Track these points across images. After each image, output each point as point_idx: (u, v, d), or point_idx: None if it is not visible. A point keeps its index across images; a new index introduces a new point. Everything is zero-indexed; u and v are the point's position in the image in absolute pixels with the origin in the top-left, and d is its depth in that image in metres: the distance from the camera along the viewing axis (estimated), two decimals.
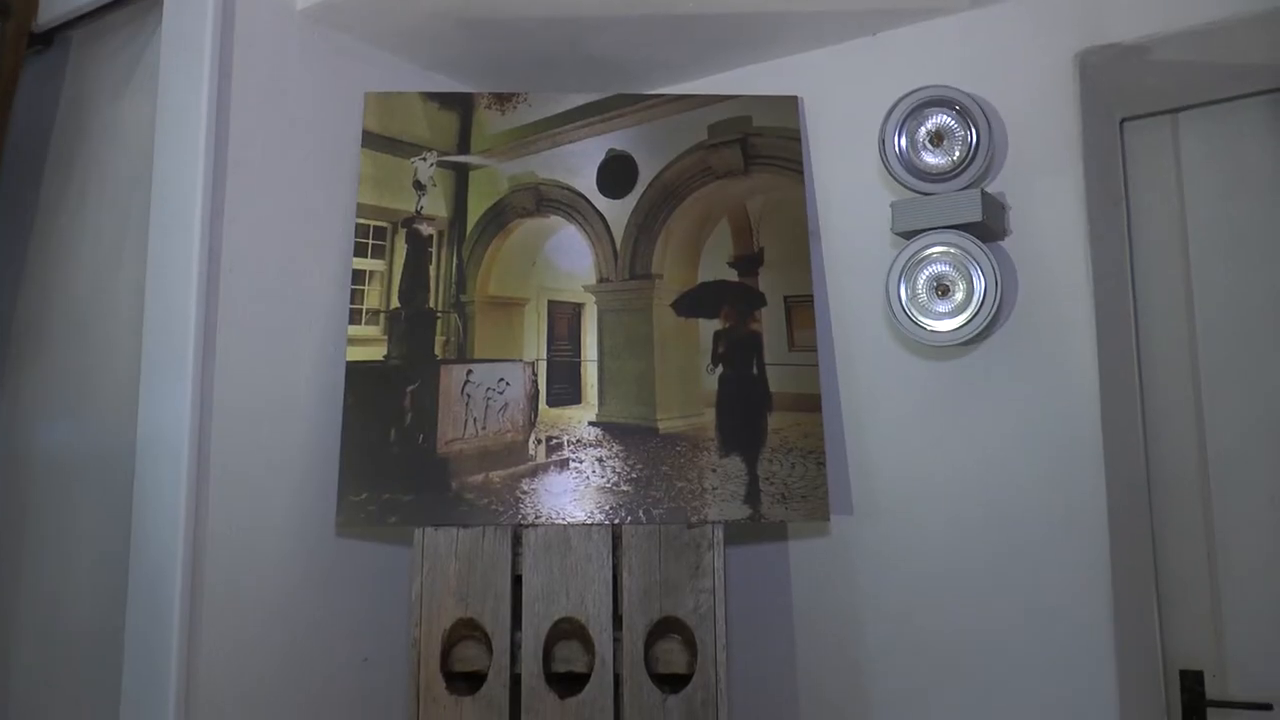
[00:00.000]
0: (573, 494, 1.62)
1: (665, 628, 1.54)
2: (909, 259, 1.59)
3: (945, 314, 1.58)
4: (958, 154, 1.59)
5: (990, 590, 1.59)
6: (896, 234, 1.63)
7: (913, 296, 1.60)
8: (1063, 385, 1.55)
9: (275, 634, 1.61)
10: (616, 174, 1.79)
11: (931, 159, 1.62)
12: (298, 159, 1.70)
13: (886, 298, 1.61)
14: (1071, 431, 1.53)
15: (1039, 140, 1.59)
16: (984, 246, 1.54)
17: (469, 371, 1.69)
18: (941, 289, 1.59)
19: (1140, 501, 1.65)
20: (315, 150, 1.73)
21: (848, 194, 1.79)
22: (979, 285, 1.55)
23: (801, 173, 1.78)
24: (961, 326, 1.56)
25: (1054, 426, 1.55)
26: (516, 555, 1.56)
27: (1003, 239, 1.63)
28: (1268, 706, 1.55)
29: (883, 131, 1.62)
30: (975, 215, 1.53)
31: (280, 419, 1.65)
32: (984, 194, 1.54)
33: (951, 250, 1.56)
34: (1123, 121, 1.72)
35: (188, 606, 1.48)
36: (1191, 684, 1.63)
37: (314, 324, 1.72)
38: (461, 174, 1.86)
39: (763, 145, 1.79)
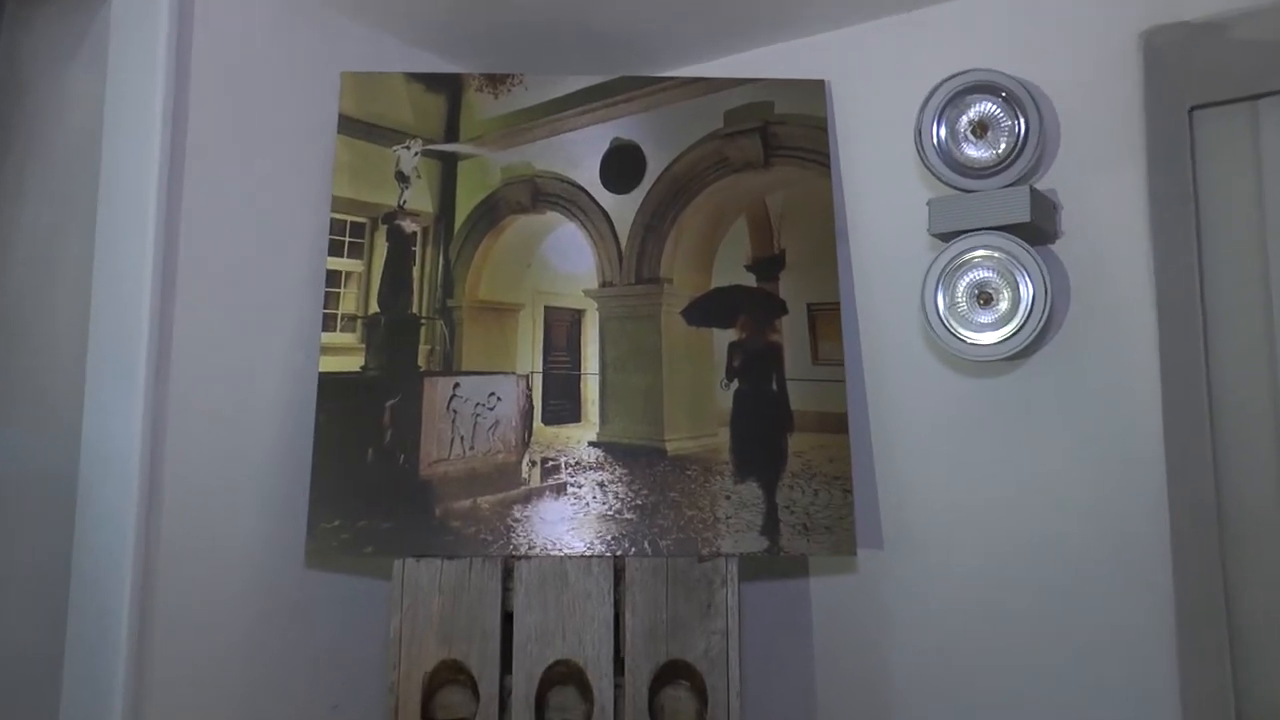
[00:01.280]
0: (570, 522, 1.61)
1: (672, 672, 1.54)
2: (948, 264, 1.58)
3: (988, 325, 1.56)
4: (1003, 146, 1.58)
5: (1037, 632, 1.58)
6: (934, 235, 1.62)
7: (952, 305, 1.58)
8: (1120, 403, 1.55)
9: (234, 676, 1.61)
10: (622, 166, 1.78)
11: (974, 152, 1.61)
12: (266, 145, 1.70)
13: (922, 306, 1.59)
14: (1129, 453, 1.52)
15: (1097, 131, 1.58)
16: (1032, 250, 1.53)
17: (456, 385, 1.68)
18: (984, 297, 1.57)
19: (1208, 528, 1.61)
20: (285, 136, 1.72)
21: (880, 190, 1.78)
22: (1026, 293, 1.53)
23: (828, 166, 1.77)
24: (1006, 339, 1.54)
25: (1109, 448, 1.54)
26: (507, 590, 1.56)
27: (1053, 242, 1.63)
28: None
29: (919, 121, 1.61)
30: (1023, 215, 1.52)
31: (244, 435, 1.65)
32: (1033, 191, 1.53)
33: (995, 254, 1.55)
34: (1192, 110, 1.68)
35: (135, 643, 1.47)
36: None
37: (283, 330, 1.72)
38: (449, 165, 1.81)
39: (785, 135, 1.78)
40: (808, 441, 1.67)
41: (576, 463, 1.67)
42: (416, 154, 1.80)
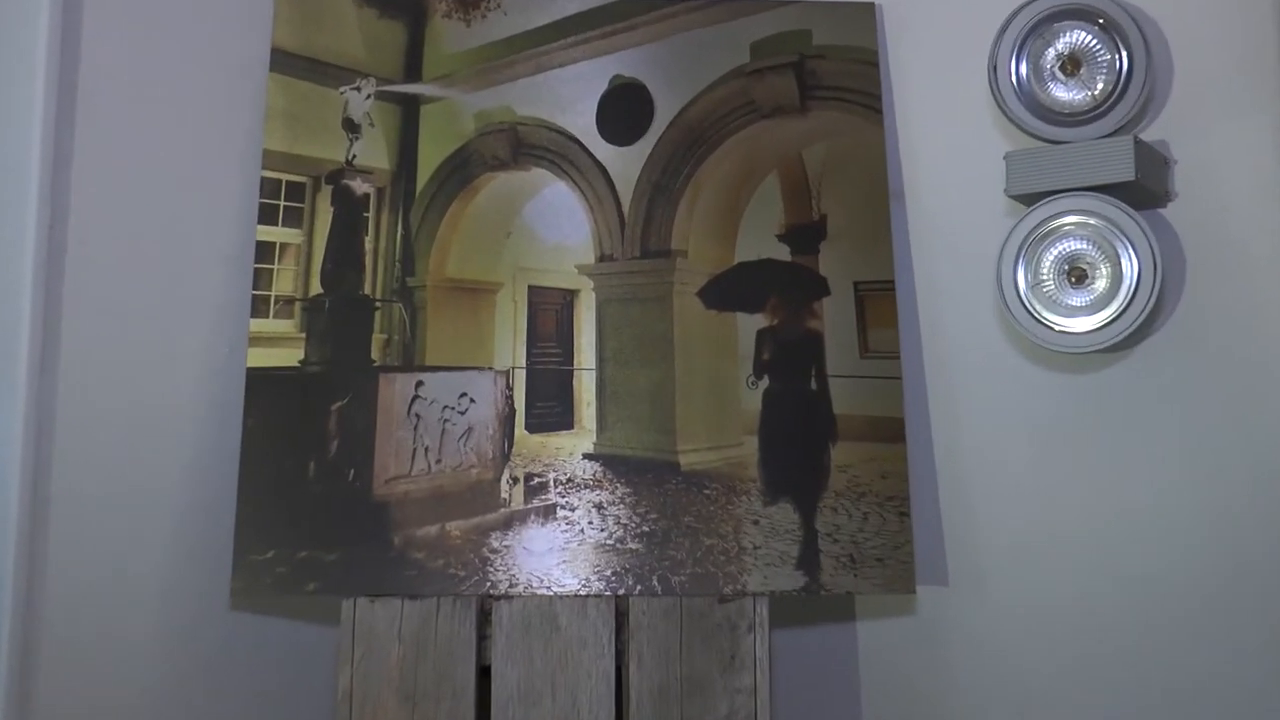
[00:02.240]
0: (561, 554, 1.61)
1: None
2: (1030, 233, 1.55)
3: (1081, 309, 1.53)
4: (1101, 86, 1.54)
5: (1141, 691, 1.57)
6: (1013, 197, 1.58)
7: (1035, 284, 1.55)
8: (1248, 406, 1.53)
9: None
10: (624, 111, 1.77)
11: (1064, 93, 1.57)
12: (178, 87, 1.68)
13: (998, 286, 1.56)
14: (1259, 468, 1.50)
15: (1221, 67, 1.55)
16: (1137, 216, 1.49)
17: (418, 383, 1.67)
18: (1076, 274, 1.54)
19: None
20: (203, 75, 1.71)
21: (944, 141, 1.76)
22: (1129, 269, 1.49)
23: (880, 111, 1.75)
24: (1103, 326, 1.51)
25: (1233, 463, 1.52)
26: (484, 638, 1.58)
27: (1164, 205, 1.59)
28: None
29: (994, 54, 1.58)
30: (1126, 172, 1.48)
31: (152, 446, 1.64)
32: (1138, 143, 1.49)
33: (1091, 221, 1.52)
34: None
35: (14, 703, 1.45)
36: None
37: (200, 316, 1.70)
38: (410, 109, 1.80)
39: (826, 72, 1.76)
40: (855, 453, 1.66)
41: (568, 480, 1.67)
42: (369, 97, 1.78)
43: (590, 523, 1.63)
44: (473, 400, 1.69)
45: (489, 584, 1.57)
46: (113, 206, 1.63)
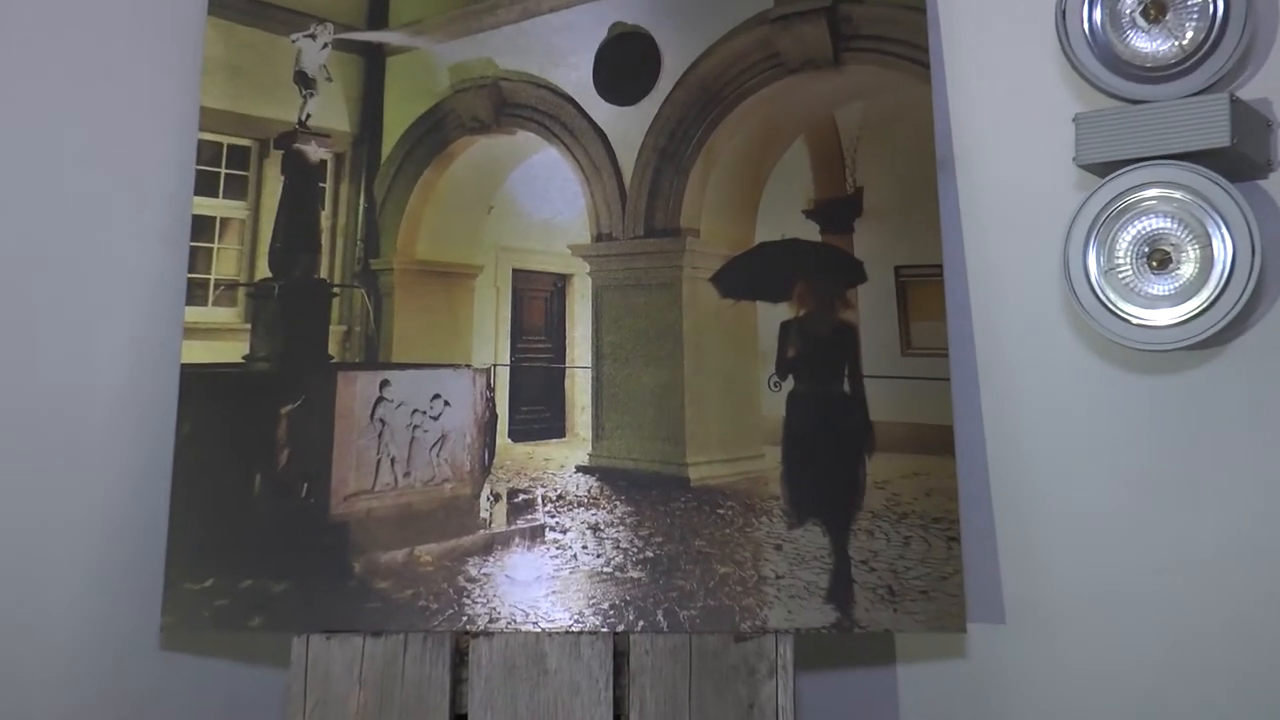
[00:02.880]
0: (550, 583, 1.62)
1: None
2: (1104, 209, 1.52)
3: (1163, 298, 1.50)
4: (1190, 34, 1.50)
5: None
6: (1083, 167, 1.56)
7: (1110, 269, 1.52)
8: None
9: None
10: (625, 64, 1.77)
11: (1145, 43, 1.53)
12: (100, 34, 1.70)
13: (1065, 271, 1.53)
14: None
15: None
16: (1233, 189, 1.45)
17: (383, 383, 1.68)
18: (1158, 258, 1.50)
19: None
20: (130, 19, 1.73)
21: (1003, 100, 1.74)
22: (1222, 252, 1.46)
23: (927, 65, 1.72)
24: (1190, 319, 1.47)
25: None
26: (459, 682, 1.57)
27: (1264, 176, 1.55)
28: None
29: None
30: (1220, 137, 1.44)
31: (66, 457, 1.66)
32: (1235, 102, 1.45)
33: (1176, 195, 1.49)
34: None
35: None
36: None
37: (125, 304, 1.71)
38: (373, 62, 1.80)
39: (864, 19, 1.73)
40: (895, 466, 1.63)
41: (559, 496, 1.66)
42: (325, 46, 1.77)
43: (584, 547, 1.63)
44: (447, 403, 1.68)
45: (465, 618, 1.57)
46: (16, 175, 1.62)
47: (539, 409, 1.70)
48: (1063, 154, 1.58)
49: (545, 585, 1.59)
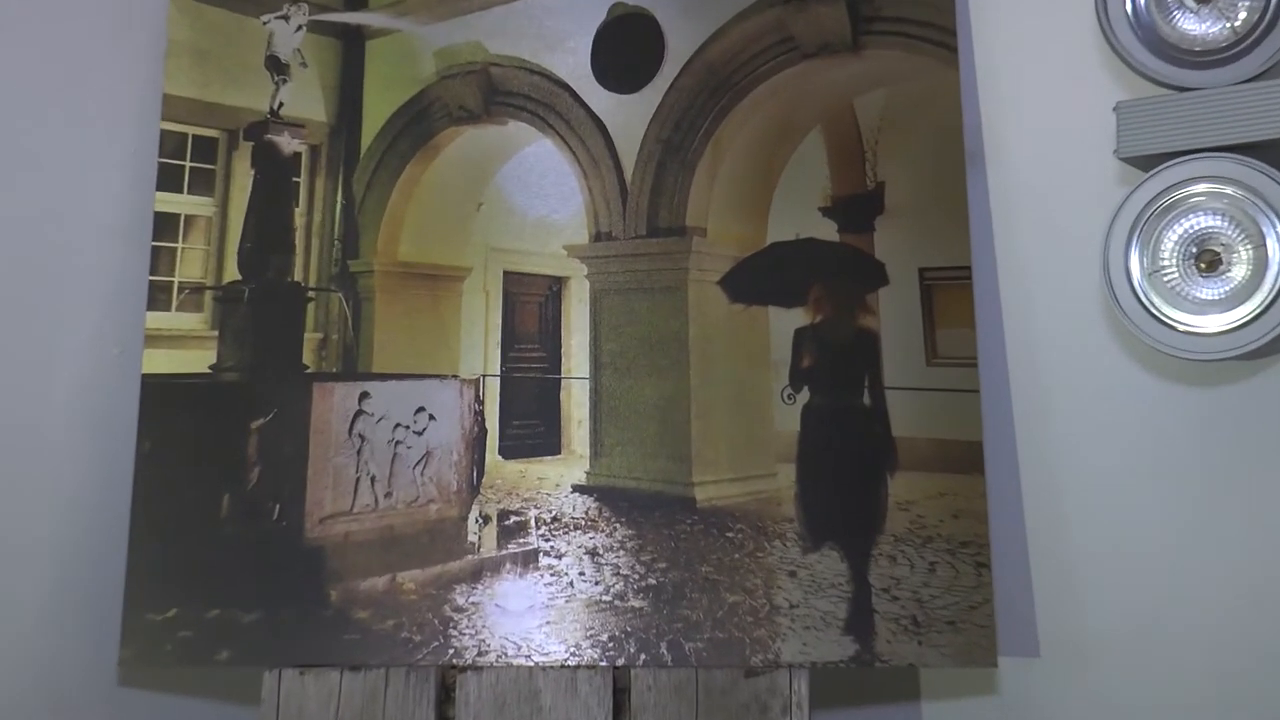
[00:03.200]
0: (544, 612, 1.60)
1: None
2: (1148, 206, 1.51)
3: (1213, 303, 1.48)
4: (1244, 15, 1.48)
5: None
6: (1125, 160, 1.54)
7: (1154, 272, 1.50)
8: None
9: None
10: (627, 48, 1.76)
11: (1194, 25, 1.51)
12: (53, 13, 1.69)
13: (1105, 274, 1.52)
14: None
15: None
16: None
17: (363, 395, 1.67)
18: (1207, 259, 1.49)
19: None
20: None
21: (1037, 88, 1.75)
22: (1278, 252, 1.44)
23: (954, 49, 1.71)
24: (1243, 325, 1.46)
25: None
26: (446, 719, 1.56)
27: None
28: None
29: None
30: (1276, 128, 1.43)
31: (18, 475, 1.65)
32: None
33: (1228, 190, 1.47)
34: None
35: None
36: None
37: (82, 309, 1.70)
38: (352, 45, 1.79)
39: None
40: (920, 486, 1.62)
41: (554, 518, 1.65)
42: (299, 28, 1.77)
43: (581, 573, 1.62)
44: (432, 417, 1.67)
45: (452, 651, 1.55)
46: None
47: (532, 423, 1.69)
48: (1103, 146, 1.57)
49: (539, 615, 1.57)
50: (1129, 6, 1.51)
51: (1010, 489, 1.70)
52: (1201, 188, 1.47)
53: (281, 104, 1.72)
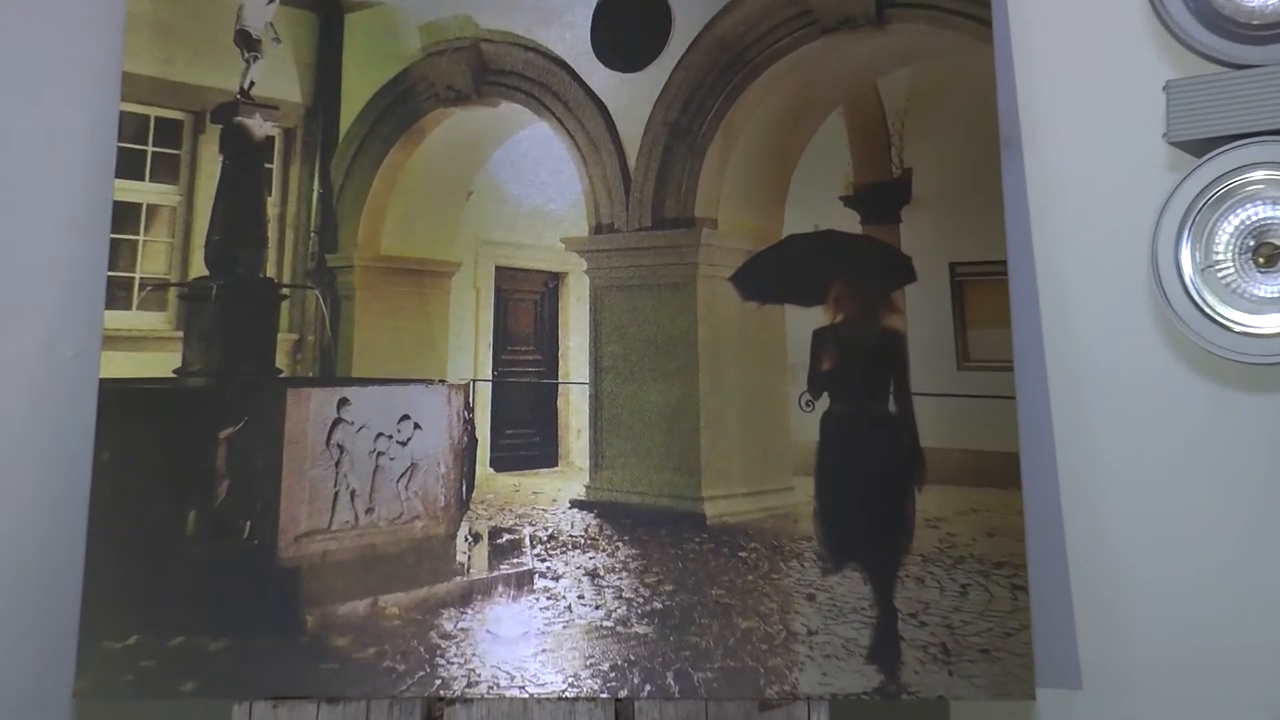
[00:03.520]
0: (540, 639, 1.58)
1: None
2: (1200, 195, 1.50)
3: (1273, 301, 1.48)
4: None
5: None
6: (1175, 145, 1.53)
7: (1207, 267, 1.50)
8: None
9: None
10: (629, 23, 1.76)
11: None
12: None
13: (1153, 269, 1.51)
14: None
15: None
16: None
17: (342, 402, 1.66)
18: (1266, 253, 1.48)
19: None
20: None
21: (1078, 66, 1.73)
22: None
23: (988, 23, 1.70)
24: None
25: None
26: None
27: None
28: None
29: None
30: None
31: None
32: None
33: None
34: None
35: None
36: None
37: (33, 308, 1.70)
38: (330, 20, 1.79)
39: None
40: (951, 501, 1.61)
41: (550, 536, 1.65)
42: (273, 1, 1.77)
43: (580, 596, 1.61)
44: (417, 425, 1.66)
45: (439, 682, 1.54)
46: None
47: (527, 432, 1.71)
48: (1151, 129, 1.58)
49: (534, 642, 1.56)
50: None
51: (1049, 504, 1.69)
52: (1260, 175, 1.46)
53: (252, 83, 1.72)
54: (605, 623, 1.58)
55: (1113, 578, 1.67)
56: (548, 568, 1.62)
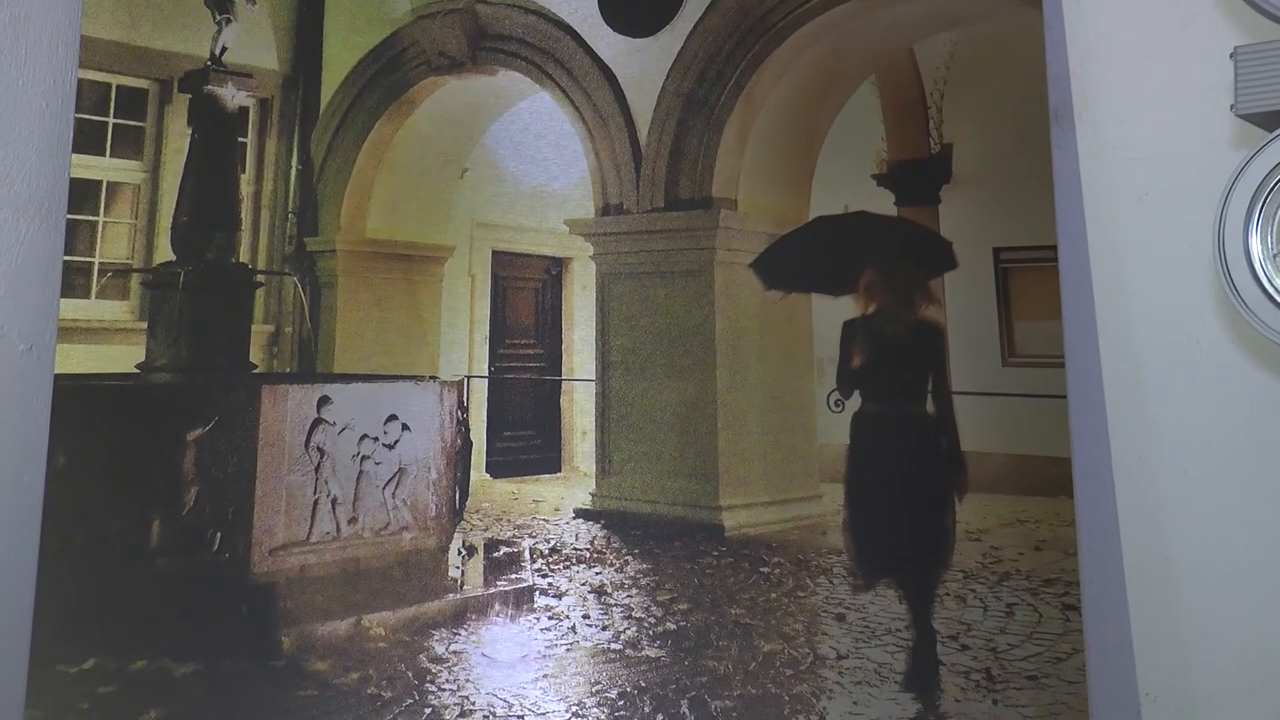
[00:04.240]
0: (541, 663, 1.56)
1: None
2: (1271, 174, 1.46)
3: None
4: None
5: None
6: (1243, 118, 1.50)
7: (1279, 253, 1.46)
8: None
9: None
10: None
11: None
12: None
13: (1219, 255, 1.47)
14: None
15: None
16: None
17: (322, 400, 1.64)
18: None
19: None
20: None
21: (1136, 31, 1.68)
22: None
23: None
24: None
25: None
26: None
27: None
28: None
29: None
30: None
31: None
32: None
33: None
34: None
35: None
36: None
37: None
38: None
39: None
40: (995, 511, 1.60)
41: (553, 550, 1.65)
42: None
43: (586, 616, 1.58)
44: (406, 427, 1.64)
45: (429, 710, 1.50)
46: None
47: (527, 434, 1.70)
48: (1217, 100, 1.55)
49: (534, 666, 1.53)
50: None
51: (1104, 514, 1.62)
52: None
53: (225, 49, 1.70)
54: (613, 645, 1.56)
55: (1175, 595, 1.61)
56: (549, 584, 1.60)
